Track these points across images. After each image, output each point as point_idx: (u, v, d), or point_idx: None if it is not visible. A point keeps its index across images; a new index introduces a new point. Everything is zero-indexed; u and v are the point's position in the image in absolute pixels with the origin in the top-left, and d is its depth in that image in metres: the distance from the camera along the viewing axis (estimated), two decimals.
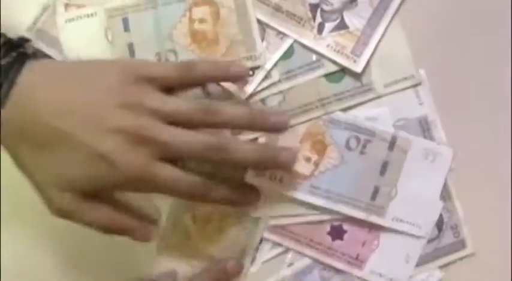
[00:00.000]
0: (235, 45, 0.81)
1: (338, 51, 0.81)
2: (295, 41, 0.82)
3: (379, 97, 0.81)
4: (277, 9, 0.82)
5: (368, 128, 0.80)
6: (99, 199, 0.70)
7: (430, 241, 0.79)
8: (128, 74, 0.71)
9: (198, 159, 0.72)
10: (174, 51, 0.81)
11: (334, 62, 0.81)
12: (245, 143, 0.77)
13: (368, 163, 0.79)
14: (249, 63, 0.81)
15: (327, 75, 0.81)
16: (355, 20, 0.82)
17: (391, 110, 0.81)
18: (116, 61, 0.79)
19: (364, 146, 0.79)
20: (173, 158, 0.71)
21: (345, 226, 0.80)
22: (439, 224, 0.80)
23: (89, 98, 0.70)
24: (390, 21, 0.81)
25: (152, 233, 0.74)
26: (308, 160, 0.80)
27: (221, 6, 0.82)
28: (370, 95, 0.81)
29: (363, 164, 0.79)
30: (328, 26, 0.82)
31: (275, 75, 0.81)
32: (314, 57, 0.82)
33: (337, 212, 0.79)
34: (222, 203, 0.75)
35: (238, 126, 0.77)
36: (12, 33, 0.79)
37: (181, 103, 0.72)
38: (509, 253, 0.78)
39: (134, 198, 0.74)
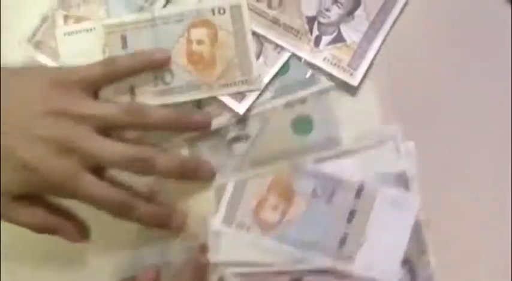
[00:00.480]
0: (232, 68, 0.82)
1: (335, 64, 0.82)
2: (293, 54, 0.83)
3: (347, 152, 0.81)
4: (275, 21, 0.83)
5: (334, 177, 0.79)
6: (34, 201, 0.72)
7: None
8: (55, 81, 0.73)
9: (122, 169, 0.73)
10: (171, 72, 0.82)
11: (330, 75, 0.81)
12: (168, 155, 0.77)
13: (335, 211, 0.78)
14: (245, 87, 0.82)
15: (296, 126, 0.82)
16: (352, 33, 0.82)
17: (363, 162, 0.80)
18: (45, 69, 0.81)
19: (331, 195, 0.78)
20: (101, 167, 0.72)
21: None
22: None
23: (18, 106, 0.71)
24: (387, 35, 0.82)
25: (79, 234, 0.75)
26: (275, 208, 0.80)
27: (219, 28, 0.82)
28: (338, 150, 0.81)
29: (330, 212, 0.78)
30: (325, 39, 0.82)
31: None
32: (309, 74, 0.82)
33: (305, 260, 0.77)
34: (144, 224, 0.76)
35: (165, 127, 0.78)
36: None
37: (107, 106, 0.74)
38: None
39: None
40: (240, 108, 0.82)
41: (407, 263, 0.78)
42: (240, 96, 0.82)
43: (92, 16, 0.84)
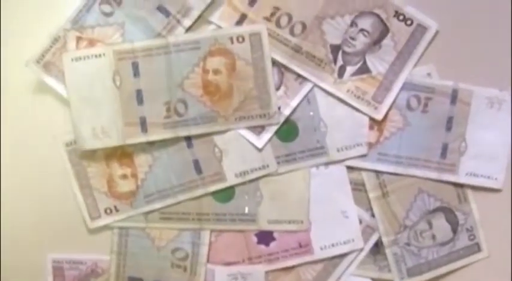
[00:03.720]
0: (250, 100, 0.77)
1: (359, 97, 0.77)
2: (315, 85, 0.78)
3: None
4: (297, 50, 0.77)
5: (426, 85, 0.77)
6: None
7: (444, 244, 0.78)
8: None
9: None
10: (184, 102, 0.77)
11: (355, 108, 0.77)
12: None
13: (432, 121, 0.77)
14: (263, 121, 0.77)
15: None
16: (378, 63, 0.77)
17: None
18: None
19: (425, 105, 0.77)
20: None
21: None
22: (454, 226, 0.78)
23: None
24: (414, 67, 0.77)
25: None
26: (371, 127, 0.77)
27: (238, 58, 0.77)
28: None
29: (427, 122, 0.77)
30: (350, 69, 0.78)
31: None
32: (317, 143, 0.78)
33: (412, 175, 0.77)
34: None
35: None
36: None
37: None
38: None
39: None
40: (259, 142, 0.77)
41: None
42: (258, 129, 0.78)
43: (106, 40, 0.78)
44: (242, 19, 0.78)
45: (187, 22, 0.78)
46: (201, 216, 0.79)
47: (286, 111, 0.77)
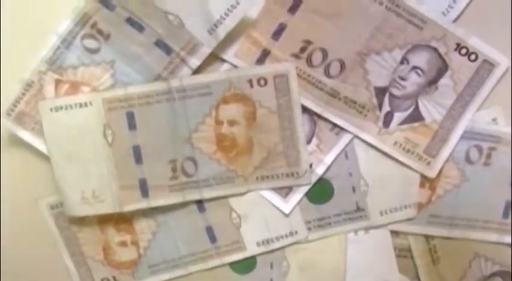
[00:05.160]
0: (275, 156, 0.64)
1: (408, 151, 0.64)
2: (355, 136, 0.64)
3: None
4: (333, 94, 0.63)
5: (491, 133, 0.65)
6: None
7: None
8: None
9: None
10: (194, 160, 0.64)
11: (404, 164, 0.64)
12: None
13: (495, 175, 0.65)
14: (291, 181, 0.64)
15: None
16: (433, 109, 0.64)
17: None
18: None
19: (488, 156, 0.65)
20: None
21: None
22: None
23: None
24: (476, 111, 0.64)
25: None
26: (422, 185, 0.65)
27: (259, 105, 0.62)
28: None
29: (489, 177, 0.65)
30: (398, 116, 0.64)
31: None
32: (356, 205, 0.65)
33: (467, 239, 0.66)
34: None
35: None
36: None
37: None
38: None
39: None
40: (286, 205, 0.65)
41: None
42: (285, 190, 0.65)
43: (93, 82, 0.63)
44: (264, 56, 0.63)
45: (194, 61, 0.62)
46: None
47: (320, 170, 0.64)
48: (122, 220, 0.66)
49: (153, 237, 0.66)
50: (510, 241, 0.66)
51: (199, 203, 0.65)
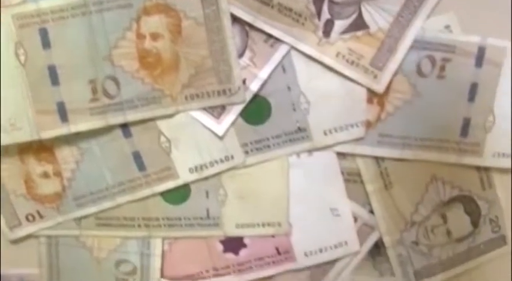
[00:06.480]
0: (204, 73, 0.59)
1: (352, 62, 0.59)
2: (292, 47, 0.59)
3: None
4: (266, 2, 0.58)
5: (444, 41, 0.60)
6: None
7: (461, 240, 0.66)
8: None
9: None
10: (115, 79, 0.59)
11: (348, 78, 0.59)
12: None
13: (451, 89, 0.61)
14: (223, 100, 0.59)
15: None
16: (378, 15, 0.59)
17: None
18: None
19: (442, 68, 0.60)
20: None
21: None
22: (475, 218, 0.65)
23: None
24: (427, 18, 0.59)
25: None
26: (370, 100, 0.61)
27: (184, 16, 0.57)
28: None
29: (444, 92, 0.61)
30: (339, 24, 0.59)
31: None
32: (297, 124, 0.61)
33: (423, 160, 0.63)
34: None
35: None
36: None
37: None
38: None
39: None
40: (219, 127, 0.60)
41: None
42: (217, 110, 0.60)
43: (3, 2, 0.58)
44: None
45: None
46: (148, 221, 0.63)
47: (254, 86, 0.60)
48: (42, 148, 0.62)
49: (76, 167, 0.61)
50: (470, 162, 0.62)
51: (125, 127, 0.60)
